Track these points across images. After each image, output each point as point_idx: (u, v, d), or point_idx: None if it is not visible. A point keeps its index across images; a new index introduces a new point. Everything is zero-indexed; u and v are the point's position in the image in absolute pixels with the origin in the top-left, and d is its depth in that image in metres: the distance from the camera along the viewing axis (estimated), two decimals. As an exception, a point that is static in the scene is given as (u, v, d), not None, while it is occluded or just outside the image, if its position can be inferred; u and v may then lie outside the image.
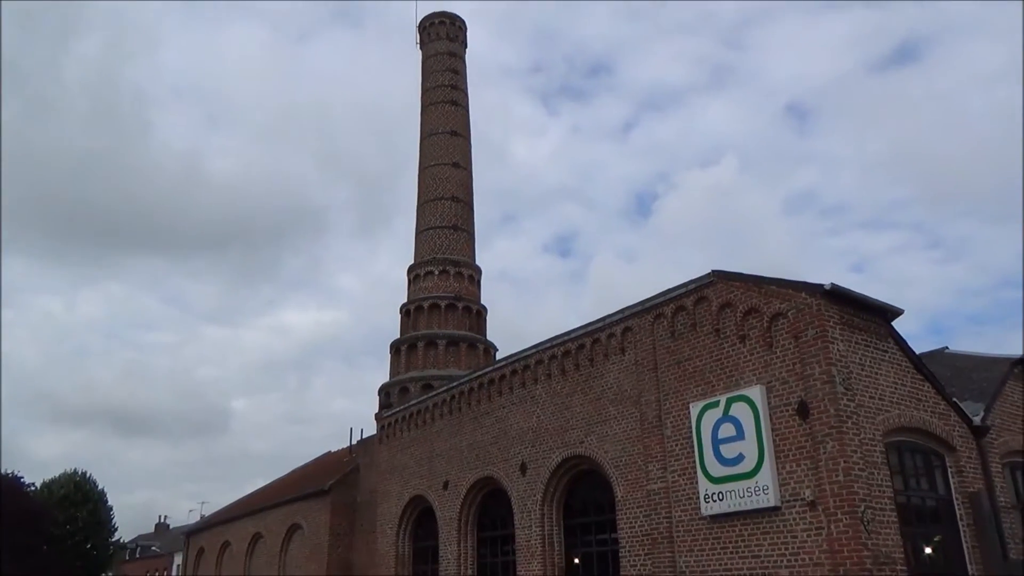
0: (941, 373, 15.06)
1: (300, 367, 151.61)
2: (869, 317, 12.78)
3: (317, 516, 29.03)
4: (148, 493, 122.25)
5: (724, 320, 13.62)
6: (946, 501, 13.12)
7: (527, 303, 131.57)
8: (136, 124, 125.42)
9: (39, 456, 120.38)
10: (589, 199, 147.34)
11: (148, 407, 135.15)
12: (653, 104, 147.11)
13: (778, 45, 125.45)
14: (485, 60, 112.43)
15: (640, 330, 15.32)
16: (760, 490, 12.11)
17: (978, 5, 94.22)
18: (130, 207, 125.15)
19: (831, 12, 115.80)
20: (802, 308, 12.26)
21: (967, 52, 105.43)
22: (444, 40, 35.71)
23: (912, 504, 12.63)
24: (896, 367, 12.95)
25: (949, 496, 13.14)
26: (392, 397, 27.48)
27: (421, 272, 30.57)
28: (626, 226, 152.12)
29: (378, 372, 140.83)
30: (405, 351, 28.80)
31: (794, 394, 12.10)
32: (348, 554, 27.73)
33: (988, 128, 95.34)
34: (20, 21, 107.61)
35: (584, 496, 16.82)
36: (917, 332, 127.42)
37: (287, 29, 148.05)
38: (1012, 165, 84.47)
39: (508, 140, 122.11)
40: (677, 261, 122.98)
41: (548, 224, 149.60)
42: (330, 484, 28.56)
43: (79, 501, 41.84)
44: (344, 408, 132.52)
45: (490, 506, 19.46)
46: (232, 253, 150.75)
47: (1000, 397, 14.90)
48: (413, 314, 29.73)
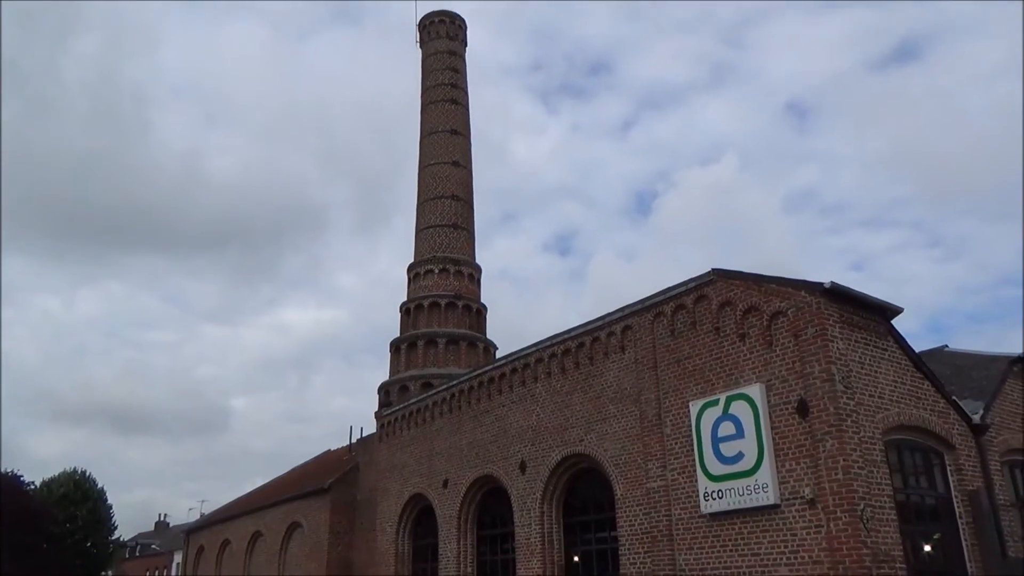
0: (940, 371, 15.07)
1: (300, 366, 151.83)
2: (869, 315, 12.80)
3: (317, 514, 29.06)
4: (148, 492, 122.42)
5: (724, 318, 13.64)
6: (945, 499, 13.13)
7: (527, 302, 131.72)
8: (136, 123, 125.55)
9: (39, 455, 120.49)
10: (589, 197, 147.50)
11: (148, 406, 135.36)
12: (653, 102, 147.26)
13: (778, 43, 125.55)
14: (485, 58, 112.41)
15: (640, 328, 15.34)
16: (760, 488, 12.13)
17: (978, 4, 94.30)
18: (130, 206, 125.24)
19: (831, 10, 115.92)
20: (802, 307, 12.28)
21: (967, 50, 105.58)
22: (444, 39, 35.70)
23: (911, 502, 12.65)
24: (896, 365, 12.97)
25: (948, 494, 13.16)
26: (392, 395, 27.48)
27: (421, 271, 30.57)
28: (626, 224, 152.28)
29: (378, 371, 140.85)
30: (405, 349, 28.81)
31: (794, 392, 12.12)
32: (348, 552, 27.76)
33: (988, 126, 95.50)
34: (20, 21, 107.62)
35: (584, 494, 16.84)
36: (917, 330, 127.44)
37: (287, 28, 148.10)
38: (1012, 163, 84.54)
39: (508, 138, 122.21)
40: (677, 259, 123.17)
41: (548, 223, 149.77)
42: (330, 482, 28.60)
43: (79, 500, 41.81)
44: (344, 406, 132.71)
45: (490, 504, 19.48)
46: (232, 252, 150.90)
47: (999, 395, 14.92)
48: (413, 313, 29.74)
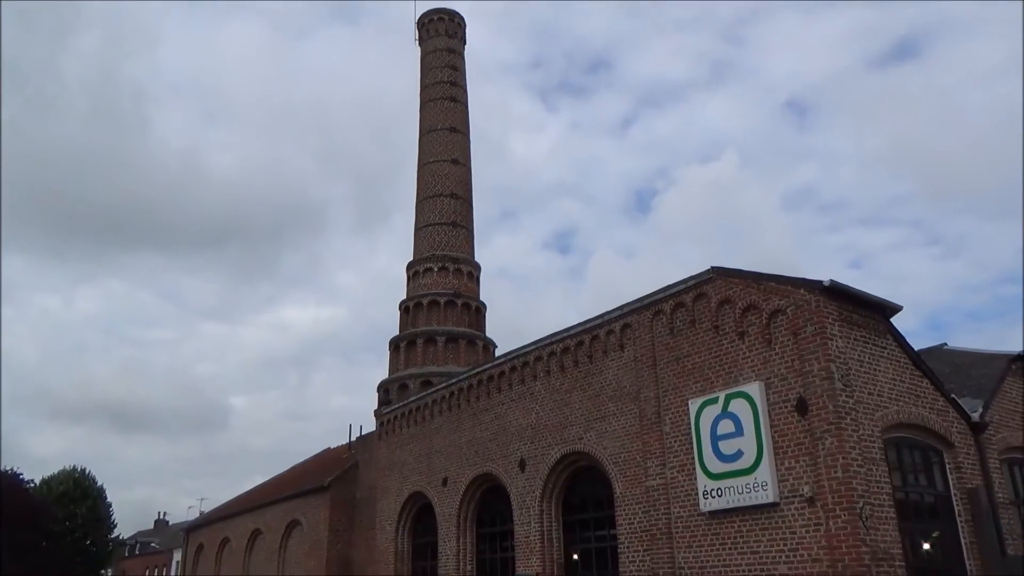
0: (940, 369, 15.07)
1: (299, 364, 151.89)
2: (868, 313, 12.80)
3: (316, 512, 29.08)
4: (147, 490, 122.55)
5: (723, 317, 13.63)
6: (944, 497, 13.14)
7: (526, 300, 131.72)
8: (135, 121, 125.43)
9: (38, 453, 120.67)
10: (588, 195, 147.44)
11: (147, 404, 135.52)
12: (652, 100, 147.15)
13: (778, 41, 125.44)
14: (484, 56, 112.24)
15: (639, 327, 15.33)
16: (759, 486, 12.14)
17: (977, 3, 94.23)
18: (130, 204, 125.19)
19: (830, 8, 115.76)
20: (801, 305, 12.27)
21: (967, 48, 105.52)
22: (443, 36, 35.65)
23: (910, 500, 12.65)
24: (895, 363, 12.97)
25: (947, 492, 13.16)
26: (391, 394, 27.50)
27: (420, 269, 30.56)
28: (625, 222, 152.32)
29: (377, 369, 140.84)
30: (404, 347, 28.81)
31: (793, 390, 12.12)
32: (347, 550, 27.77)
33: (987, 124, 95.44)
34: (19, 19, 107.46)
35: (583, 492, 16.84)
36: (916, 328, 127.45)
37: (286, 26, 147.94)
38: (1011, 161, 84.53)
39: (507, 136, 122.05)
40: (676, 257, 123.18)
41: (547, 221, 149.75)
42: (329, 480, 28.61)
43: (78, 498, 41.83)
44: (343, 405, 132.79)
45: (489, 502, 19.48)
46: (231, 250, 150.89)
47: (999, 393, 14.91)
48: (412, 311, 29.74)
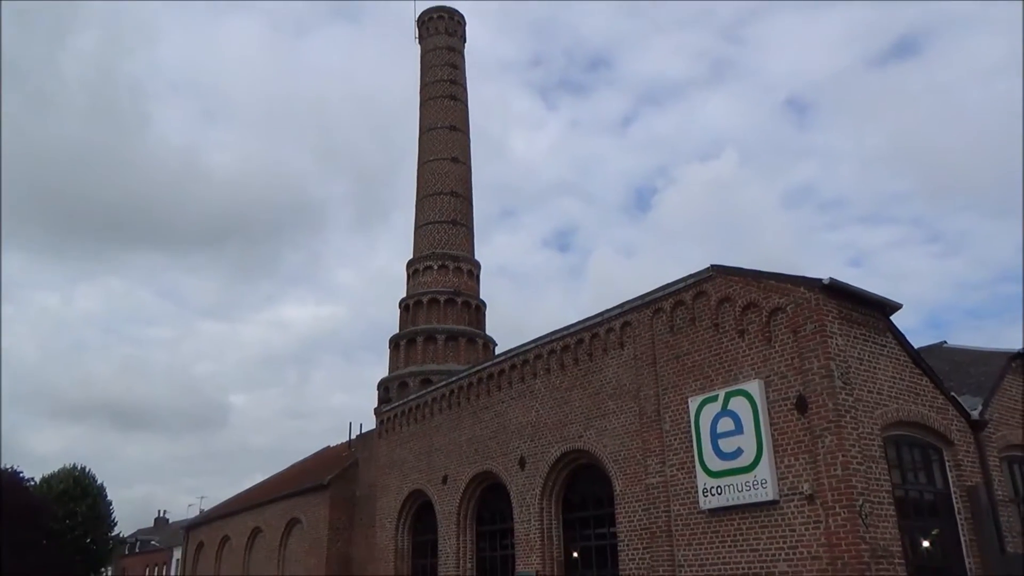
0: (939, 367, 15.08)
1: (299, 362, 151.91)
2: (868, 311, 12.80)
3: (316, 510, 29.10)
4: (147, 488, 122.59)
5: (723, 315, 13.63)
6: (944, 495, 13.14)
7: (526, 298, 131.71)
8: (135, 119, 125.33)
9: (38, 451, 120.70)
10: (588, 194, 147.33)
11: (146, 402, 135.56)
12: (652, 98, 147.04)
13: (778, 39, 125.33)
14: (484, 54, 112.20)
15: (639, 325, 15.33)
16: (758, 484, 12.14)
17: (977, 1, 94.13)
18: (129, 202, 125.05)
19: (830, 7, 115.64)
20: (801, 303, 12.27)
21: (967, 46, 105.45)
22: (443, 35, 35.64)
23: (910, 498, 12.66)
24: (894, 361, 12.97)
25: (947, 490, 13.17)
26: (391, 392, 27.52)
27: (420, 267, 30.56)
28: (625, 221, 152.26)
29: (377, 367, 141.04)
30: (404, 346, 28.82)
31: (792, 388, 12.12)
32: (347, 548, 27.80)
33: (988, 122, 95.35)
34: (18, 18, 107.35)
35: (583, 490, 16.85)
36: (916, 326, 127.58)
37: (285, 24, 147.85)
38: (1012, 159, 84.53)
39: (507, 134, 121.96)
40: (676, 256, 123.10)
41: (547, 219, 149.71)
42: (329, 479, 28.63)
43: (78, 496, 41.81)
44: (343, 403, 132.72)
45: (489, 500, 19.49)
46: (231, 248, 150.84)
47: (998, 391, 14.90)
48: (412, 309, 29.75)
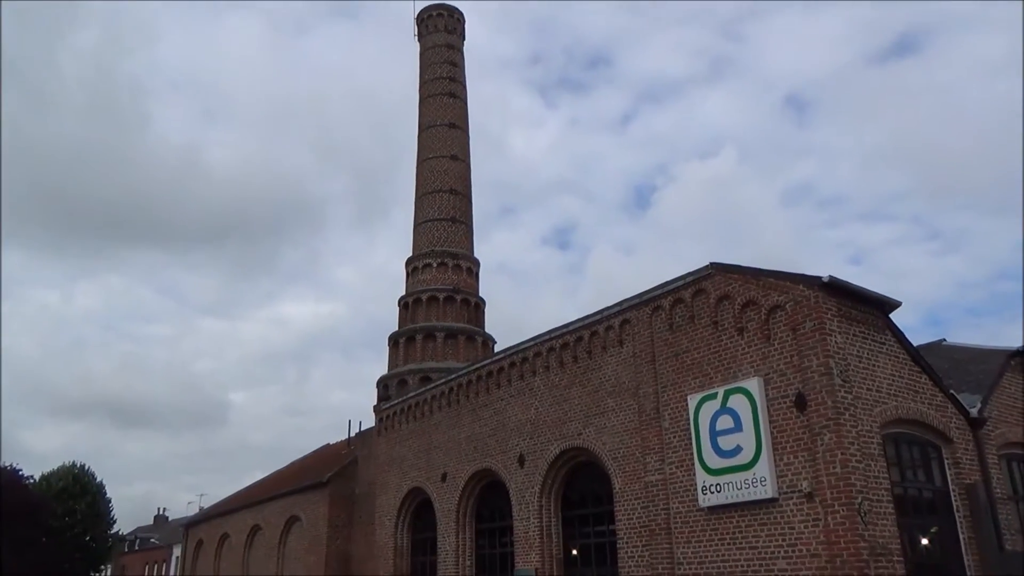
0: (939, 365, 15.08)
1: (298, 359, 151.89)
2: (867, 309, 12.80)
3: (315, 508, 29.10)
4: (147, 485, 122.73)
5: (722, 312, 13.63)
6: (943, 493, 13.16)
7: (526, 296, 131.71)
8: (134, 118, 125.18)
9: (38, 449, 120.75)
10: (588, 191, 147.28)
11: (146, 399, 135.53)
12: (652, 96, 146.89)
13: (777, 37, 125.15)
14: (483, 52, 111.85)
15: (638, 322, 15.33)
16: (757, 482, 12.15)
17: (977, 1, 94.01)
18: (129, 200, 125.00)
19: (830, 4, 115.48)
20: (800, 300, 12.27)
21: (967, 44, 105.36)
22: (442, 32, 35.58)
23: (909, 495, 12.67)
24: (894, 359, 12.97)
25: (946, 488, 13.18)
26: (390, 389, 27.51)
27: (419, 264, 30.53)
28: (625, 218, 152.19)
29: (376, 364, 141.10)
30: (403, 343, 28.81)
31: (792, 386, 12.13)
32: (346, 546, 27.80)
33: (987, 120, 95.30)
34: (18, 16, 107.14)
35: (582, 488, 16.86)
36: (915, 324, 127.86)
37: (284, 22, 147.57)
38: (1011, 158, 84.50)
39: (506, 132, 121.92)
40: (675, 253, 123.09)
41: (547, 216, 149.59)
42: (328, 476, 28.62)
43: (78, 493, 41.84)
44: (342, 400, 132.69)
45: (488, 498, 19.50)
46: (231, 246, 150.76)
47: (997, 389, 14.90)
48: (411, 307, 29.73)
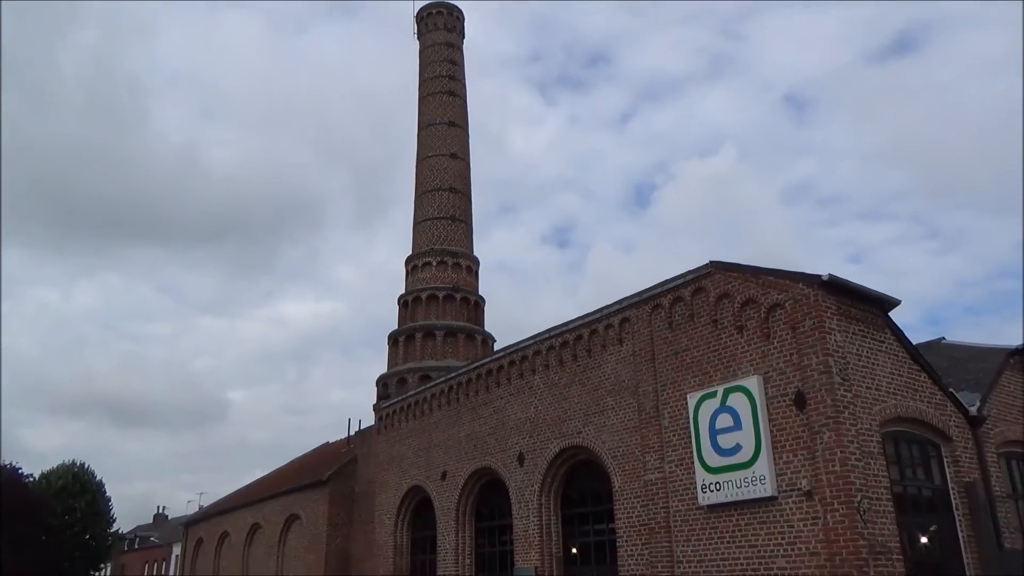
0: (938, 363, 15.09)
1: (298, 358, 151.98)
2: (866, 308, 12.80)
3: (315, 507, 29.12)
4: (146, 484, 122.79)
5: (722, 311, 13.63)
6: (942, 491, 13.16)
7: (525, 294, 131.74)
8: (133, 116, 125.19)
9: (37, 447, 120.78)
10: (587, 190, 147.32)
11: (146, 398, 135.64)
12: (652, 94, 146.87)
13: (777, 35, 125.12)
14: (483, 50, 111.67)
15: (638, 321, 15.33)
16: (757, 480, 12.16)
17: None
18: (128, 199, 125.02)
19: (830, 3, 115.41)
20: (799, 299, 12.27)
21: (967, 43, 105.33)
22: (442, 31, 35.56)
23: (908, 494, 12.68)
24: (893, 357, 12.98)
25: (945, 486, 13.19)
26: (390, 388, 27.51)
27: (419, 263, 30.53)
28: (624, 217, 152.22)
29: (376, 363, 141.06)
30: (403, 342, 28.81)
31: (791, 384, 12.13)
32: (346, 544, 27.82)
33: (987, 119, 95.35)
34: (18, 16, 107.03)
35: (582, 486, 16.87)
36: (914, 323, 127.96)
37: (283, 21, 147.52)
38: (1011, 156, 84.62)
39: (506, 130, 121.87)
40: (675, 252, 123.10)
41: (546, 215, 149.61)
42: (328, 475, 28.64)
43: (77, 492, 41.80)
44: (342, 399, 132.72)
45: (488, 496, 19.51)
46: (230, 244, 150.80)
47: (996, 387, 14.91)
48: (411, 305, 29.73)
